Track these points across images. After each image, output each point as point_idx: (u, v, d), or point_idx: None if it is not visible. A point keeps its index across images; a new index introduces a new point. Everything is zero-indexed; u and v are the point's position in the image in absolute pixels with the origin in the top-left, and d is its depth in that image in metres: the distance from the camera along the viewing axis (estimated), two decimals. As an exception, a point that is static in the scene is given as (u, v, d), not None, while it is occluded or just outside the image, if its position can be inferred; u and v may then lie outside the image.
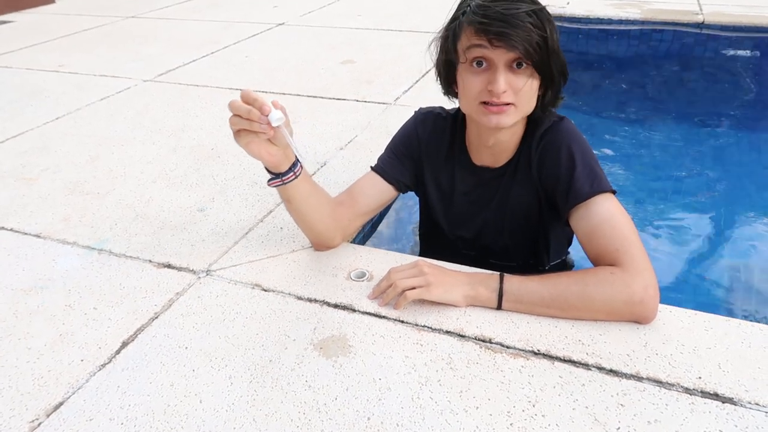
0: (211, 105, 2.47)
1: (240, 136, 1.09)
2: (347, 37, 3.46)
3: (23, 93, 2.72)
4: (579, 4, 3.98)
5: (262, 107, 1.04)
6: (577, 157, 1.17)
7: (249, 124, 1.05)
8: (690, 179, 2.43)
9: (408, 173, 1.37)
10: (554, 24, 1.08)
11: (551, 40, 1.06)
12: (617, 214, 1.13)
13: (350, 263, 1.34)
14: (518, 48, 1.03)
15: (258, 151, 1.10)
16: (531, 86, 1.09)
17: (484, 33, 1.04)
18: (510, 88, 1.07)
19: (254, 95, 1.05)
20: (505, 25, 1.02)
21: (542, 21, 1.04)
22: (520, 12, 1.02)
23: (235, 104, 1.05)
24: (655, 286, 1.08)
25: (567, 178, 1.17)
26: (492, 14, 1.03)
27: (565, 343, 1.08)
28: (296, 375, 1.05)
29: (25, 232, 1.57)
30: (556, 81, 1.12)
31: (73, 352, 1.14)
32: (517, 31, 1.02)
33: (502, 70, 1.06)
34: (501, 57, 1.05)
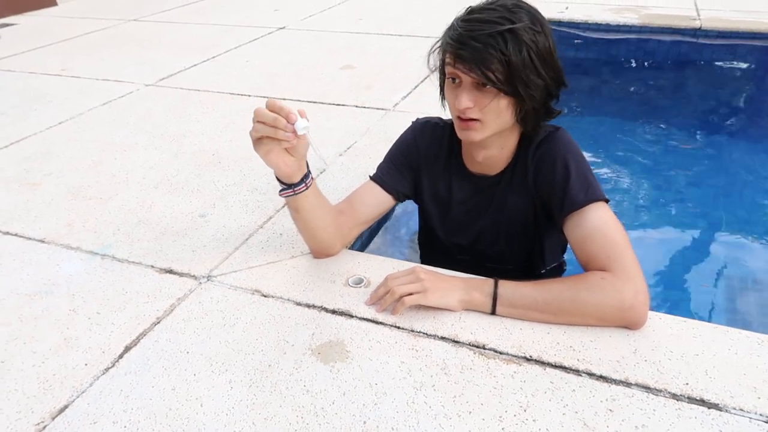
0: (212, 110, 2.50)
1: (261, 143, 1.12)
2: (347, 42, 3.49)
3: (26, 97, 2.75)
4: (578, 9, 4.01)
5: (288, 115, 1.07)
6: (571, 167, 1.20)
7: (274, 131, 1.08)
8: (685, 186, 2.46)
9: (406, 182, 1.41)
10: (533, 43, 1.08)
11: (519, 61, 1.07)
12: (609, 222, 1.16)
13: (348, 269, 1.37)
14: (474, 71, 1.08)
15: (276, 160, 1.14)
16: (497, 104, 1.13)
17: (451, 54, 1.11)
18: (476, 105, 1.12)
19: (280, 104, 1.08)
20: (465, 48, 1.08)
21: (510, 43, 1.06)
22: (483, 34, 1.06)
23: (261, 112, 1.08)
24: (645, 292, 1.11)
25: (562, 186, 1.20)
26: (458, 36, 1.09)
27: (556, 349, 1.11)
28: (295, 380, 1.08)
29: (30, 237, 1.60)
30: (528, 100, 1.13)
31: (78, 356, 1.17)
32: (475, 55, 1.07)
33: (467, 89, 1.12)
34: (466, 78, 1.11)
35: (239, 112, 2.47)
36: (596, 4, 4.17)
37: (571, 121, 3.08)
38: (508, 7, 1.10)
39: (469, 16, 1.11)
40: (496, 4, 1.11)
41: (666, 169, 2.61)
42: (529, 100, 1.14)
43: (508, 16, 1.08)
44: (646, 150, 2.80)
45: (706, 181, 2.48)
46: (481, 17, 1.09)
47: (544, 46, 1.12)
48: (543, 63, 1.12)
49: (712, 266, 1.87)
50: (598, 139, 2.99)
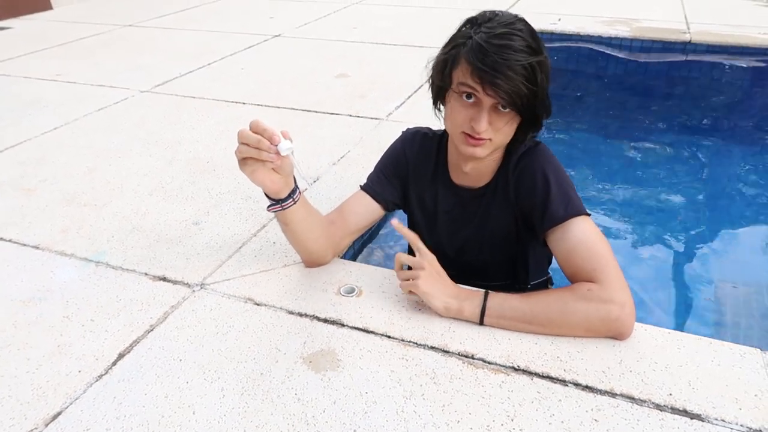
0: (207, 117, 2.51)
1: (246, 164, 1.13)
2: (342, 50, 3.52)
3: (21, 102, 2.76)
4: (570, 21, 4.06)
5: (272, 137, 1.08)
6: (551, 182, 1.23)
7: (257, 153, 1.10)
8: (672, 197, 2.50)
9: (396, 192, 1.43)
10: (548, 69, 1.12)
11: (541, 90, 1.11)
12: (592, 235, 1.18)
13: (340, 279, 1.39)
14: (506, 99, 1.09)
15: (262, 179, 1.15)
16: (511, 125, 1.15)
17: (478, 77, 1.09)
18: (491, 126, 1.14)
19: (264, 125, 1.09)
20: (499, 76, 1.07)
21: (536, 73, 1.08)
22: (516, 64, 1.06)
23: (244, 133, 1.09)
24: (631, 304, 1.13)
25: (542, 201, 1.22)
26: (489, 62, 1.07)
27: (544, 359, 1.14)
28: (286, 388, 1.10)
29: (24, 243, 1.60)
30: (534, 126, 1.18)
31: (71, 363, 1.18)
32: (508, 83, 1.07)
33: (487, 111, 1.12)
34: (489, 100, 1.11)
35: (234, 119, 2.49)
36: (588, 17, 4.22)
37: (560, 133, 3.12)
38: (525, 33, 1.09)
39: (494, 40, 1.08)
40: (513, 27, 1.09)
41: (652, 180, 2.65)
42: (536, 126, 1.19)
43: (531, 44, 1.09)
44: (633, 161, 2.85)
45: (692, 193, 2.52)
46: (510, 44, 1.07)
47: (549, 72, 1.15)
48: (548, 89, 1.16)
49: (698, 277, 1.90)
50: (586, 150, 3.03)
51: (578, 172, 2.73)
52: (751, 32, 3.76)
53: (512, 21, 1.12)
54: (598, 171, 2.80)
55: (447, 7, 4.58)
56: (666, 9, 4.45)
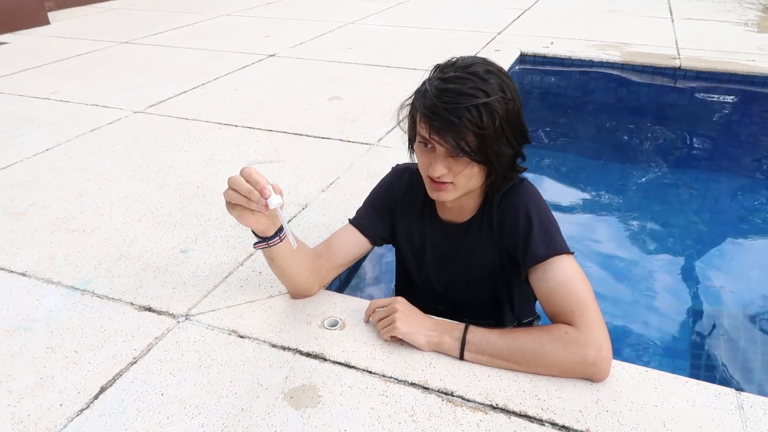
0: (199, 140, 2.53)
1: (234, 208, 1.15)
2: (336, 72, 3.55)
3: (14, 121, 2.78)
4: (562, 45, 4.11)
5: (263, 191, 1.09)
6: (534, 220, 1.25)
7: (247, 202, 1.11)
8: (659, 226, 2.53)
9: (384, 227, 1.45)
10: (503, 110, 1.13)
11: (492, 133, 1.12)
12: (573, 276, 1.20)
13: (324, 311, 1.40)
14: (450, 144, 1.12)
15: (249, 222, 1.17)
16: (470, 170, 1.18)
17: (426, 125, 1.14)
18: (450, 171, 1.17)
19: (257, 177, 1.10)
20: (442, 122, 1.11)
21: (485, 116, 1.10)
22: (460, 107, 1.09)
23: (237, 181, 1.10)
24: (608, 347, 1.15)
25: (524, 239, 1.24)
26: (435, 108, 1.11)
27: (522, 397, 1.15)
28: (266, 424, 1.11)
29: (11, 270, 1.61)
30: (498, 167, 1.19)
31: (53, 396, 1.19)
32: (451, 128, 1.11)
33: (441, 157, 1.16)
34: (440, 146, 1.15)
35: (225, 142, 2.51)
36: (580, 40, 4.28)
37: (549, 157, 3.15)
38: (480, 75, 1.13)
39: (443, 85, 1.13)
40: (469, 70, 1.13)
41: (638, 208, 2.68)
42: (499, 167, 1.20)
43: (481, 86, 1.11)
44: (621, 187, 2.88)
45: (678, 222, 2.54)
46: (455, 88, 1.11)
47: (513, 113, 1.17)
48: (512, 130, 1.17)
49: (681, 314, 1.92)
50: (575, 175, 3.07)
51: (565, 196, 2.76)
52: (740, 59, 3.82)
53: (470, 64, 1.15)
54: (586, 196, 2.83)
55: (444, 29, 4.63)
56: (658, 34, 4.51)
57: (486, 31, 4.52)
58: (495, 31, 4.50)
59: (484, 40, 4.19)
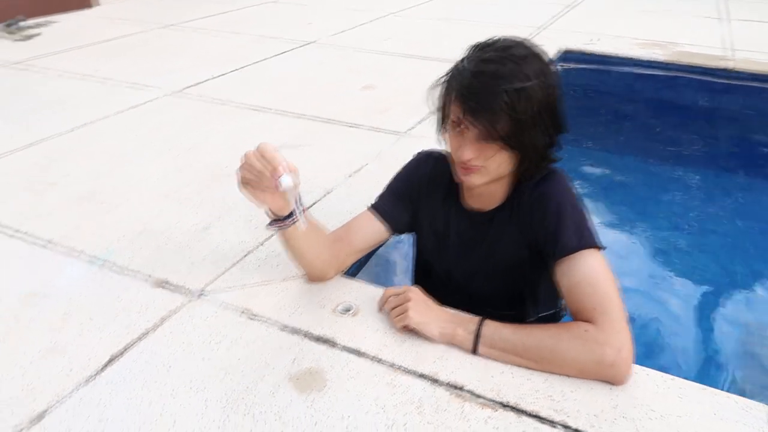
0: (230, 122, 2.54)
1: (246, 186, 1.14)
2: (372, 62, 3.52)
3: (53, 99, 2.84)
4: (606, 42, 3.98)
5: (275, 170, 1.08)
6: (566, 211, 1.19)
7: (258, 180, 1.10)
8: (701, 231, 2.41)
9: (405, 214, 1.41)
10: (540, 97, 1.08)
11: (528, 119, 1.07)
12: (600, 272, 1.14)
13: (338, 296, 1.38)
14: (483, 128, 1.08)
15: (263, 200, 1.16)
16: (501, 156, 1.13)
17: (459, 106, 1.10)
18: (480, 155, 1.13)
19: (271, 153, 1.08)
20: (477, 104, 1.07)
21: (522, 101, 1.06)
22: (497, 90, 1.05)
23: (250, 158, 1.09)
24: (629, 349, 1.09)
25: (554, 230, 1.19)
26: (471, 89, 1.07)
27: (535, 397, 1.10)
28: (269, 405, 1.09)
29: (37, 238, 1.64)
30: (532, 154, 1.15)
31: (64, 363, 1.20)
32: (486, 112, 1.06)
33: (472, 140, 1.12)
34: (472, 129, 1.10)
35: (256, 126, 2.51)
36: (625, 38, 4.14)
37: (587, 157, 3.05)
38: (521, 57, 1.08)
39: (481, 65, 1.09)
40: (509, 52, 1.09)
41: (680, 212, 2.57)
42: (533, 155, 1.15)
43: (521, 70, 1.07)
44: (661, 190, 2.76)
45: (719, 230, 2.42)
46: (493, 69, 1.07)
47: (552, 100, 1.12)
48: (550, 118, 1.13)
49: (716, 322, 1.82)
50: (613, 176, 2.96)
51: (602, 196, 2.66)
52: (797, 63, 3.63)
53: (510, 45, 1.11)
54: (623, 197, 2.72)
55: (486, 22, 4.55)
56: (710, 35, 4.32)
57: (528, 25, 4.42)
58: (537, 27, 4.39)
59: (526, 35, 4.09)
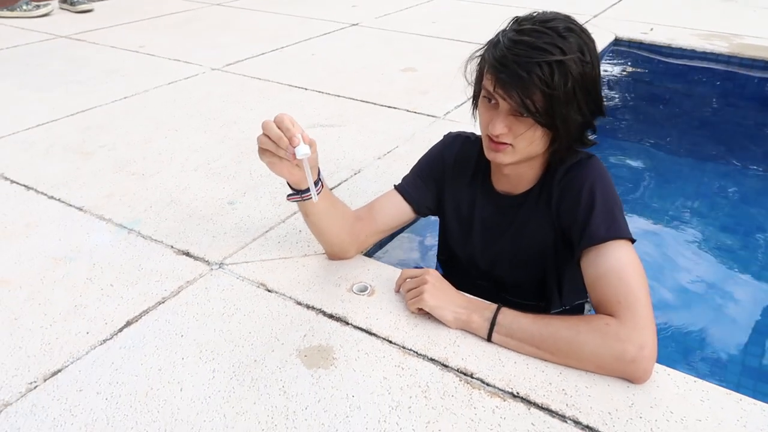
0: (267, 99, 2.55)
1: (264, 154, 1.13)
2: (415, 44, 3.47)
3: (103, 70, 2.92)
4: (662, 32, 3.80)
5: (292, 138, 1.07)
6: (597, 198, 1.14)
7: (275, 148, 1.09)
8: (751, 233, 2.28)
9: (430, 195, 1.38)
10: (577, 73, 1.04)
11: (563, 95, 1.03)
12: (628, 264, 1.09)
13: (356, 275, 1.36)
14: (515, 101, 1.03)
15: (280, 170, 1.15)
16: (533, 133, 1.08)
17: (492, 78, 1.06)
18: (510, 131, 1.09)
19: (288, 123, 1.08)
20: (510, 75, 1.03)
21: (557, 75, 1.01)
22: (531, 62, 1.01)
23: (268, 126, 1.09)
24: (652, 347, 1.03)
25: (584, 217, 1.14)
26: (505, 60, 1.03)
27: (547, 389, 1.06)
28: (275, 379, 1.08)
29: (70, 204, 1.69)
30: (565, 134, 1.10)
31: (82, 324, 1.22)
32: (517, 82, 1.02)
33: (503, 114, 1.08)
34: (504, 103, 1.06)
35: (292, 104, 2.51)
36: (684, 28, 3.94)
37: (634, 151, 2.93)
38: (560, 31, 1.04)
39: (517, 36, 1.05)
40: (547, 25, 1.05)
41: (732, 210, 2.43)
42: (566, 134, 1.10)
43: (558, 43, 1.03)
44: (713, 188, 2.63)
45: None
46: (529, 41, 1.03)
47: (590, 78, 1.07)
48: (586, 96, 1.08)
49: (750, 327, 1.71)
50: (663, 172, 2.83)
51: (649, 192, 2.55)
52: None
53: (550, 19, 1.06)
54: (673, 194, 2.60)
55: (537, 8, 4.40)
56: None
57: (581, 12, 4.26)
58: (591, 14, 4.23)
59: (579, 21, 3.95)
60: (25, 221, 1.60)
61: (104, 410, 1.02)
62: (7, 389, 1.07)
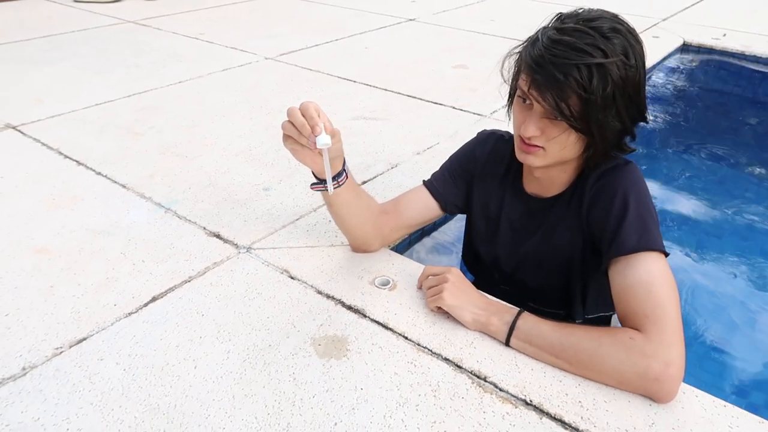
0: (316, 90, 2.57)
1: (287, 140, 1.14)
2: (470, 41, 3.42)
3: (163, 54, 3.02)
4: (736, 38, 3.60)
5: (314, 127, 1.06)
6: (631, 206, 1.08)
7: (298, 135, 1.10)
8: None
9: (459, 193, 1.35)
10: (621, 79, 0.98)
11: (601, 100, 0.97)
12: (659, 277, 1.03)
13: (379, 269, 1.35)
14: (549, 104, 0.99)
15: (303, 158, 1.16)
16: (567, 137, 1.03)
17: (528, 77, 1.02)
18: (543, 134, 1.04)
19: (312, 112, 1.07)
20: (545, 77, 0.98)
21: (595, 79, 0.96)
22: (569, 64, 0.95)
23: (293, 113, 1.09)
24: (679, 365, 0.97)
25: (615, 225, 1.08)
26: (542, 61, 0.98)
27: (562, 400, 1.02)
28: (287, 365, 1.09)
29: (115, 181, 1.75)
30: (601, 141, 1.04)
31: (111, 296, 1.27)
32: (553, 84, 0.97)
33: (537, 116, 1.04)
34: (537, 104, 1.02)
35: (339, 95, 2.52)
36: (761, 35, 3.71)
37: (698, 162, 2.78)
38: (604, 31, 0.98)
39: (557, 35, 1.00)
40: (591, 24, 1.00)
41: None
42: (602, 141, 1.05)
43: (601, 45, 0.97)
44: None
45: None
46: (570, 41, 0.98)
47: (633, 82, 1.01)
48: (627, 102, 1.02)
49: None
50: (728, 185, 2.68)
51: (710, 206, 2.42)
52: None
53: (596, 18, 1.00)
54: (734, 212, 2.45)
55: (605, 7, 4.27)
56: None
57: (650, 15, 4.09)
58: (660, 17, 4.05)
59: (645, 24, 3.80)
60: (72, 194, 1.68)
61: (120, 380, 1.05)
62: (36, 352, 1.12)
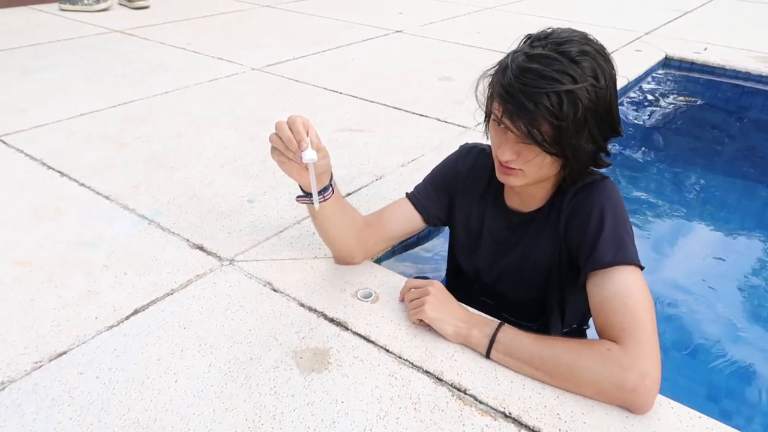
0: (302, 101, 2.58)
1: (275, 152, 1.15)
2: (457, 54, 3.46)
3: (149, 65, 3.01)
4: (716, 52, 3.66)
5: (300, 142, 1.07)
6: (607, 221, 1.11)
7: (284, 149, 1.11)
8: None
9: (441, 206, 1.37)
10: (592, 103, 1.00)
11: (572, 125, 1.00)
12: (635, 291, 1.05)
13: (362, 281, 1.36)
14: (522, 132, 1.01)
15: (290, 171, 1.17)
16: (543, 159, 1.06)
17: (500, 105, 1.04)
18: (519, 158, 1.07)
19: (299, 126, 1.08)
20: (516, 106, 1.00)
21: (565, 105, 0.98)
22: (539, 92, 0.97)
23: (280, 126, 1.10)
24: (655, 377, 0.99)
25: (592, 240, 1.11)
26: (512, 90, 1.00)
27: (541, 412, 1.03)
28: (268, 378, 1.09)
29: (99, 192, 1.75)
30: (575, 163, 1.07)
31: (92, 309, 1.26)
32: (526, 115, 0.99)
33: (512, 141, 1.06)
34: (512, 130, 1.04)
35: (325, 107, 2.53)
36: (741, 50, 3.79)
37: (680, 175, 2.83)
38: (572, 56, 1.00)
39: (526, 63, 1.01)
40: (560, 49, 1.01)
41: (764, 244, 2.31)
42: (575, 162, 1.08)
43: (569, 71, 0.98)
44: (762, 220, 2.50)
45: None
46: (538, 69, 0.99)
47: (603, 103, 1.03)
48: (599, 122, 1.04)
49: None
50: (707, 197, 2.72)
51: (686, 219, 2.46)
52: None
53: (564, 41, 1.02)
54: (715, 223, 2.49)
55: (585, 23, 4.33)
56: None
57: (632, 29, 4.16)
58: (643, 31, 4.12)
59: (627, 38, 3.86)
60: (55, 206, 1.67)
61: (100, 395, 1.05)
62: (15, 366, 1.11)
